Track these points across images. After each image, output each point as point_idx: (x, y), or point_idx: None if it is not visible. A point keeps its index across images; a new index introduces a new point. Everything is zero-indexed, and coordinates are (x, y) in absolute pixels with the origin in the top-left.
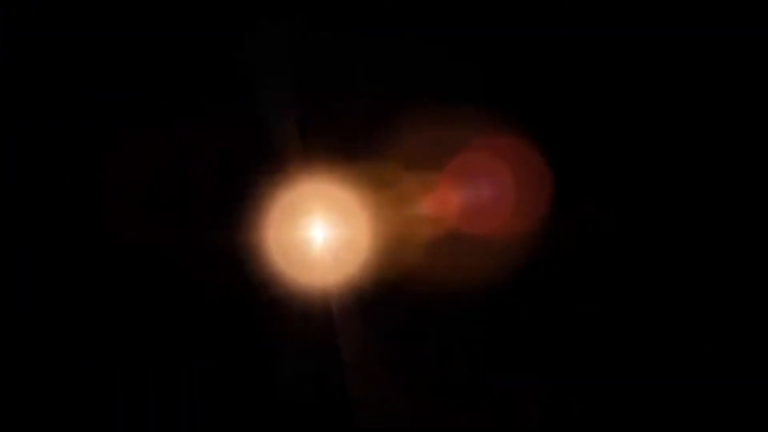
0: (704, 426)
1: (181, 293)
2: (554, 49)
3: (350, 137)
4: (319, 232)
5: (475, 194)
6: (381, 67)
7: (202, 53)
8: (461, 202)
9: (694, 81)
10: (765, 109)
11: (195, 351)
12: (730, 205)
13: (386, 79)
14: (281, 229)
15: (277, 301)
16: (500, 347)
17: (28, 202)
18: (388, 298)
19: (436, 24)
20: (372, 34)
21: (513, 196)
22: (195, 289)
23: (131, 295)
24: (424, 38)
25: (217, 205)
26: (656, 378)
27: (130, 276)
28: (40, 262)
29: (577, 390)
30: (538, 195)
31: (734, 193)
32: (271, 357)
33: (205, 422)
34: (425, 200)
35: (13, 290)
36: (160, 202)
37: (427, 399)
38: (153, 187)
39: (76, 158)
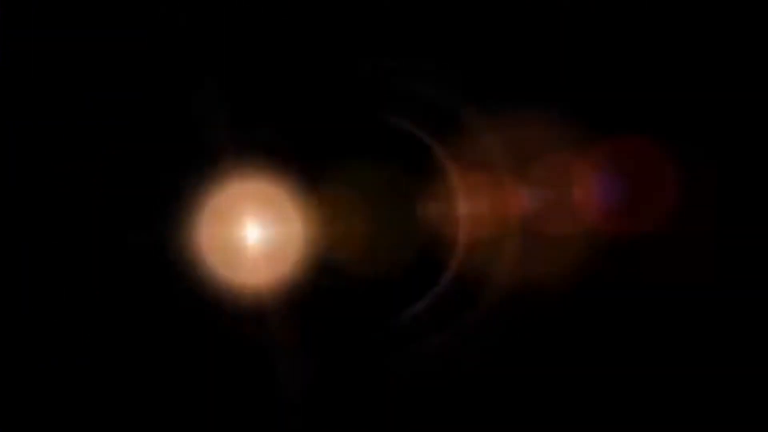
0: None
1: (111, 296)
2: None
3: (285, 135)
4: (251, 232)
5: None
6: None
7: (132, 53)
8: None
9: None
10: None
11: (128, 352)
12: None
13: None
14: (213, 229)
15: (210, 302)
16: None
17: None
18: (321, 299)
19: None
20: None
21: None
22: (128, 291)
23: (49, 296)
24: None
25: (147, 205)
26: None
27: (53, 276)
28: (40, 262)
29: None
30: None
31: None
32: (202, 358)
33: (128, 424)
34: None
35: (13, 290)
36: (91, 203)
37: (360, 401)
38: (84, 188)
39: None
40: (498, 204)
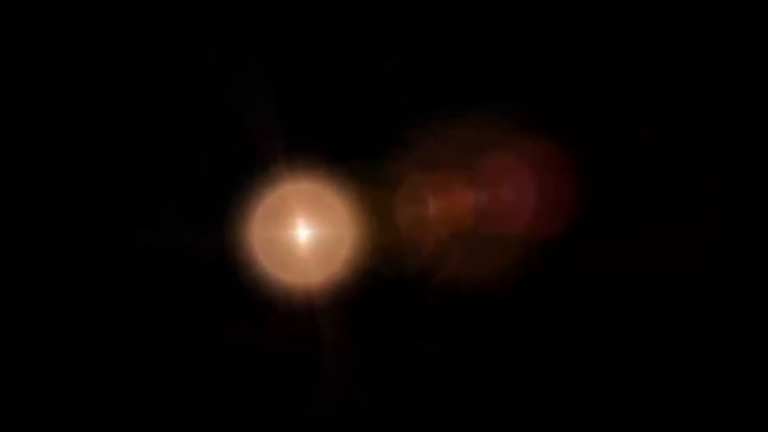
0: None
1: (166, 294)
2: (571, 49)
3: (334, 138)
4: (302, 232)
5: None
6: (367, 67)
7: (185, 58)
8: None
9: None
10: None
11: (180, 351)
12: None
13: (373, 79)
14: (266, 230)
15: (263, 301)
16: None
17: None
18: (371, 297)
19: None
20: (355, 34)
21: (506, 198)
22: (181, 289)
23: (114, 297)
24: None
25: (202, 206)
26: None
27: (114, 278)
28: (40, 262)
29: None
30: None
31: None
32: (255, 356)
33: (189, 423)
34: (411, 200)
35: (13, 290)
36: (145, 204)
37: (405, 399)
38: (139, 189)
39: (71, 158)
40: (451, 205)
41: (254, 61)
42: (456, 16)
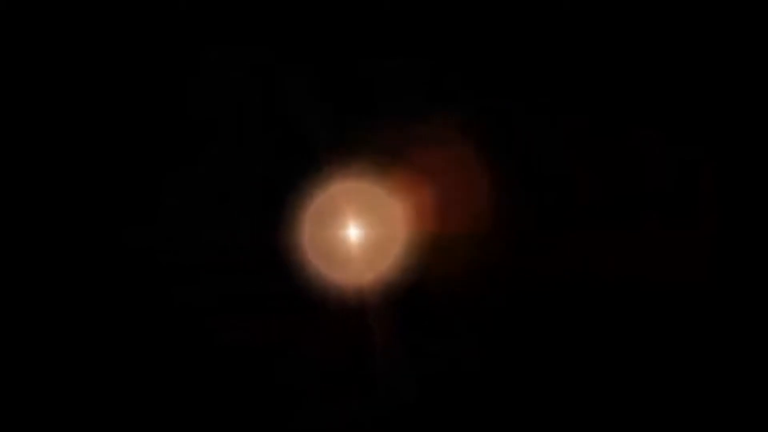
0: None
1: (214, 293)
2: (533, 50)
3: (385, 140)
4: (353, 232)
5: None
6: (394, 76)
7: (235, 60)
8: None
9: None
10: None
11: (227, 348)
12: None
13: (399, 85)
14: (317, 229)
15: (313, 298)
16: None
17: (29, 202)
18: (420, 295)
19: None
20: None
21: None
22: (229, 288)
23: (163, 295)
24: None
25: (252, 206)
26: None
27: (163, 276)
28: (40, 262)
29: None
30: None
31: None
32: (306, 354)
33: (235, 417)
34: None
35: (13, 290)
36: (198, 204)
37: (451, 394)
38: (190, 189)
39: (91, 159)
40: (456, 204)
41: (306, 64)
42: (456, 16)
